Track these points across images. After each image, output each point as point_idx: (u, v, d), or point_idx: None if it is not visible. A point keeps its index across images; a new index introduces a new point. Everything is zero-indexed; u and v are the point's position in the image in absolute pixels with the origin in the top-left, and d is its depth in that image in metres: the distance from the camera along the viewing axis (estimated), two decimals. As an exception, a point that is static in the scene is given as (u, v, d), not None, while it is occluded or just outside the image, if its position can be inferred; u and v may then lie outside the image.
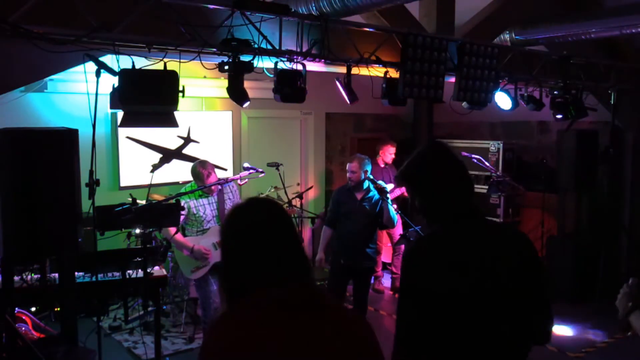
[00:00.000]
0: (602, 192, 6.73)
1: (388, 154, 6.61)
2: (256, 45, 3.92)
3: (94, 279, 3.92)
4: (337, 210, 4.87)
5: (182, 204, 4.32)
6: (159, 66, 3.63)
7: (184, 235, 4.71)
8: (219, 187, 4.71)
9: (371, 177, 4.84)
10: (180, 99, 3.71)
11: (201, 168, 4.65)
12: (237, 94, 4.02)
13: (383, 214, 4.72)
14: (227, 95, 4.10)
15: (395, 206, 5.31)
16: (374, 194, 4.79)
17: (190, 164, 4.84)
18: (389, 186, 5.86)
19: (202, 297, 4.64)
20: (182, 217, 4.40)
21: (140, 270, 3.96)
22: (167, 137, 6.52)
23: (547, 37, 6.13)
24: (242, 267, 1.51)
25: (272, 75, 4.20)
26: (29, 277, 3.72)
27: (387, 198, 4.72)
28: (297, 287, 1.49)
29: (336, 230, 4.86)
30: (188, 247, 4.52)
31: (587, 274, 6.34)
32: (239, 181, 5.37)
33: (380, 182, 4.89)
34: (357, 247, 4.77)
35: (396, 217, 4.75)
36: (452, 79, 5.00)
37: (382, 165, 6.69)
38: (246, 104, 4.10)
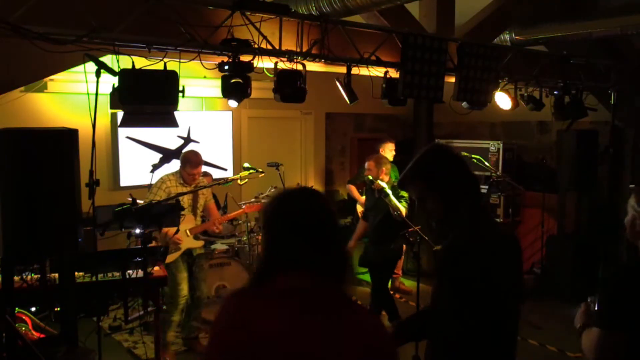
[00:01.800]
0: (602, 192, 6.72)
1: (388, 150, 6.61)
2: (256, 46, 3.92)
3: (94, 279, 3.92)
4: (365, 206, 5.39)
5: (160, 186, 4.56)
6: (159, 66, 3.62)
7: None
8: (198, 178, 4.80)
9: (370, 177, 4.93)
10: (180, 99, 3.71)
11: (194, 156, 4.72)
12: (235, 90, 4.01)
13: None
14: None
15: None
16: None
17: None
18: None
19: (170, 281, 4.63)
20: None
21: (140, 270, 3.96)
22: (167, 137, 6.52)
23: (547, 37, 6.13)
24: (272, 250, 1.52)
25: (272, 75, 4.20)
26: (29, 277, 3.72)
27: (388, 194, 4.94)
28: (319, 282, 1.47)
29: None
30: (161, 231, 4.52)
31: (587, 274, 6.34)
32: (238, 181, 5.37)
33: (379, 181, 5.01)
34: (372, 240, 5.17)
35: (402, 206, 5.00)
36: (452, 79, 5.00)
37: (383, 165, 6.70)
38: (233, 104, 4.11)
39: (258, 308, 1.43)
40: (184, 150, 5.15)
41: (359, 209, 6.73)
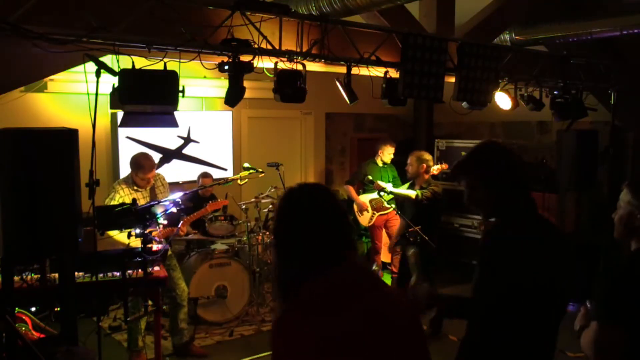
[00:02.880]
0: (602, 192, 6.72)
1: (387, 153, 6.63)
2: (256, 46, 3.92)
3: (94, 279, 3.92)
4: None
5: (112, 197, 4.41)
6: (159, 66, 3.62)
7: None
8: (152, 181, 4.67)
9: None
10: (180, 99, 3.71)
11: (145, 160, 4.60)
12: (235, 95, 4.01)
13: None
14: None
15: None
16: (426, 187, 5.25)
17: (190, 164, 4.83)
18: (389, 185, 5.92)
19: None
20: None
21: (140, 270, 3.96)
22: (167, 137, 6.52)
23: (547, 37, 6.13)
24: (291, 257, 1.51)
25: (272, 75, 4.20)
26: (29, 277, 3.72)
27: (389, 192, 5.30)
28: (339, 272, 1.48)
29: None
30: (124, 243, 4.31)
31: (586, 274, 6.33)
32: (238, 181, 5.37)
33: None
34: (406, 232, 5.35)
35: (407, 192, 5.30)
36: (452, 79, 5.00)
37: (381, 165, 6.70)
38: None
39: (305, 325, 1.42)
40: (183, 151, 5.15)
41: (356, 208, 6.75)
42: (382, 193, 5.62)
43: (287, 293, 1.50)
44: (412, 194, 5.20)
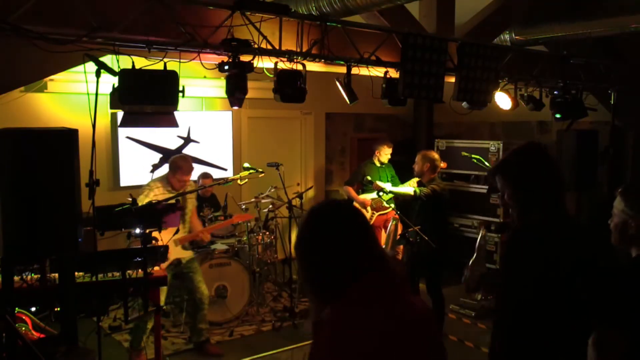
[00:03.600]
0: (602, 192, 6.72)
1: (384, 154, 6.63)
2: (256, 46, 3.92)
3: (94, 279, 3.92)
4: None
5: (147, 194, 4.40)
6: (159, 66, 3.62)
7: None
8: (188, 183, 4.73)
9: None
10: (180, 99, 3.71)
11: (184, 162, 4.65)
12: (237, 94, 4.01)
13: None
14: (227, 95, 4.10)
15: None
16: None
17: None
18: (388, 185, 5.93)
19: None
20: None
21: (140, 270, 3.95)
22: (167, 137, 6.52)
23: (547, 37, 6.13)
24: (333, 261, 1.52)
25: (272, 75, 4.20)
26: (29, 277, 3.72)
27: (388, 192, 5.32)
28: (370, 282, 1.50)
29: None
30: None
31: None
32: (238, 181, 5.37)
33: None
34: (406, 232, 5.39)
35: (405, 189, 5.30)
36: (452, 79, 5.00)
37: (379, 165, 6.71)
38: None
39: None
40: (183, 151, 5.14)
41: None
42: (381, 193, 5.62)
43: (327, 295, 1.52)
44: (410, 190, 5.17)
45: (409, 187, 5.21)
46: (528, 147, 2.23)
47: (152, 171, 5.35)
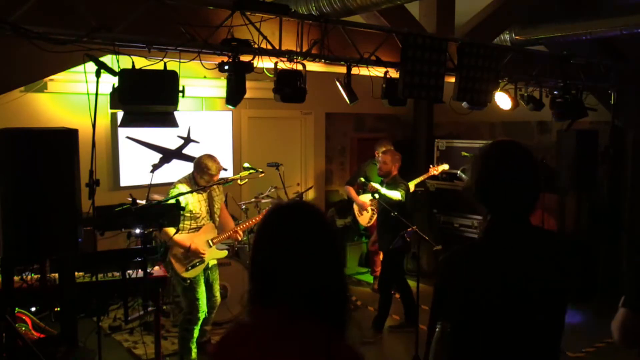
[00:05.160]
0: (602, 192, 6.72)
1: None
2: (256, 46, 3.92)
3: (94, 279, 3.92)
4: None
5: (182, 200, 4.31)
6: (159, 66, 3.62)
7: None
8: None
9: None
10: (180, 99, 3.70)
11: (211, 162, 4.58)
12: (235, 94, 4.00)
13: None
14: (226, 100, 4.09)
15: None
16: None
17: (190, 165, 4.82)
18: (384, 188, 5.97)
19: (189, 298, 4.51)
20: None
21: (140, 270, 3.95)
22: (167, 137, 6.52)
23: (547, 37, 6.13)
24: (264, 272, 1.39)
25: (272, 75, 4.20)
26: (29, 277, 3.72)
27: (382, 195, 5.33)
28: (288, 314, 1.32)
29: None
30: (185, 246, 4.46)
31: (586, 274, 6.33)
32: (238, 181, 5.37)
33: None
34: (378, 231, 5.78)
35: (393, 194, 5.37)
36: (452, 79, 5.00)
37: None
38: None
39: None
40: (183, 151, 5.13)
41: (356, 208, 6.76)
42: (375, 195, 5.63)
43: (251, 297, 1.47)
44: (398, 196, 5.29)
45: (396, 192, 5.31)
46: (494, 146, 2.11)
47: (152, 171, 5.33)
